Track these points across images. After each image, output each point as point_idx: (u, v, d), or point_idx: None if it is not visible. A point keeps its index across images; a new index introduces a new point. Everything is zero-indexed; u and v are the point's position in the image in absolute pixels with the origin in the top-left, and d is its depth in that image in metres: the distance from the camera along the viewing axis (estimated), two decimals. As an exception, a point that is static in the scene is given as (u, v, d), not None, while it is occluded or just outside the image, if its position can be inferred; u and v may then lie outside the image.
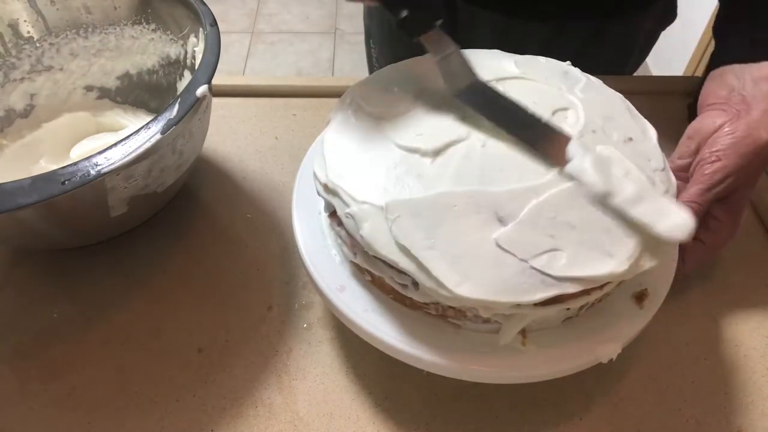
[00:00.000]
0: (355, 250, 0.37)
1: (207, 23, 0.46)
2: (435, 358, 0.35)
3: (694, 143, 0.43)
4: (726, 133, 0.41)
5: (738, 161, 0.40)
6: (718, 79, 0.45)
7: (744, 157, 0.40)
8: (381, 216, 0.34)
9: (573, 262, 0.32)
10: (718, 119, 0.42)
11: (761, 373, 0.43)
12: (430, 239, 0.33)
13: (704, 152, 0.41)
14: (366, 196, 0.35)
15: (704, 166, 0.41)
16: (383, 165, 0.36)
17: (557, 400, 0.41)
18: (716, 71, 0.46)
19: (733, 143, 0.40)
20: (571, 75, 0.43)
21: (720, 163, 0.40)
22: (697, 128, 0.43)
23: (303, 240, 0.41)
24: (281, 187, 0.54)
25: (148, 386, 0.41)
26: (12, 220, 0.39)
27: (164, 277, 0.48)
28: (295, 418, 0.40)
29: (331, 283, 0.39)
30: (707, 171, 0.40)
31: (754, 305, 0.46)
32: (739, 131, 0.41)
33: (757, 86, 0.42)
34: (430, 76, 0.40)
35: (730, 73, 0.44)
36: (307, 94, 0.62)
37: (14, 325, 0.45)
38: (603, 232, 0.33)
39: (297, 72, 2.05)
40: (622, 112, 0.40)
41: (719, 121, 0.42)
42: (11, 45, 0.53)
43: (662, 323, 0.43)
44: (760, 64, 0.43)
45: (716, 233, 0.42)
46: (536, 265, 0.32)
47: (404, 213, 0.34)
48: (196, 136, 0.47)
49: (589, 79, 0.43)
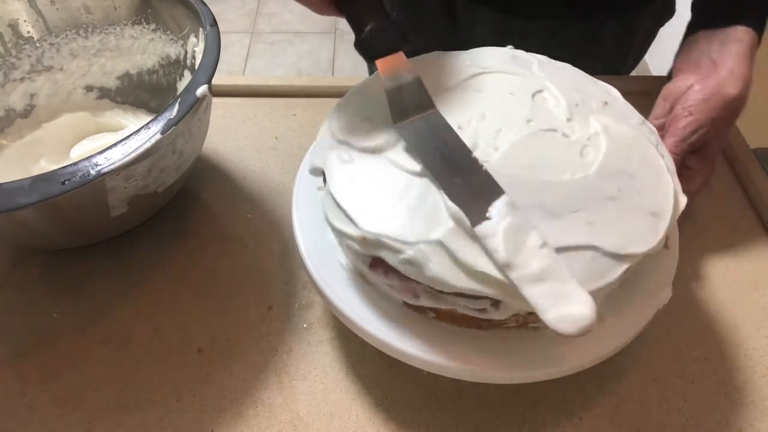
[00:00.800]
0: (416, 293, 0.35)
1: (207, 23, 0.46)
2: (435, 358, 0.35)
3: (668, 103, 0.47)
4: (696, 90, 0.45)
5: (709, 114, 0.44)
6: (690, 45, 0.49)
7: (714, 111, 0.44)
8: (442, 250, 0.32)
9: (622, 237, 0.33)
10: (689, 80, 0.46)
11: (761, 373, 0.43)
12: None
13: (677, 109, 0.45)
14: (416, 236, 0.32)
15: (678, 120, 0.45)
16: (403, 197, 0.34)
17: (557, 400, 0.41)
18: (689, 38, 0.50)
19: (703, 99, 0.44)
20: (519, 58, 0.43)
21: (692, 117, 0.44)
22: (671, 90, 0.47)
23: (303, 240, 0.41)
24: (281, 187, 0.54)
25: (148, 386, 0.41)
26: (12, 220, 0.39)
27: (164, 277, 0.48)
28: (295, 418, 0.40)
29: (331, 283, 0.39)
30: (680, 125, 0.45)
31: (754, 305, 0.46)
32: (708, 88, 0.45)
33: (725, 47, 0.46)
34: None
35: (701, 38, 0.49)
36: (307, 94, 0.62)
37: (14, 325, 0.45)
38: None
39: (297, 72, 2.05)
40: (584, 79, 0.42)
41: (690, 82, 0.46)
42: (11, 45, 0.53)
43: (662, 323, 0.43)
44: (727, 27, 0.47)
45: (691, 180, 0.46)
46: (603, 246, 0.32)
47: (459, 239, 0.32)
48: (196, 136, 0.47)
49: (537, 58, 0.43)
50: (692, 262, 0.49)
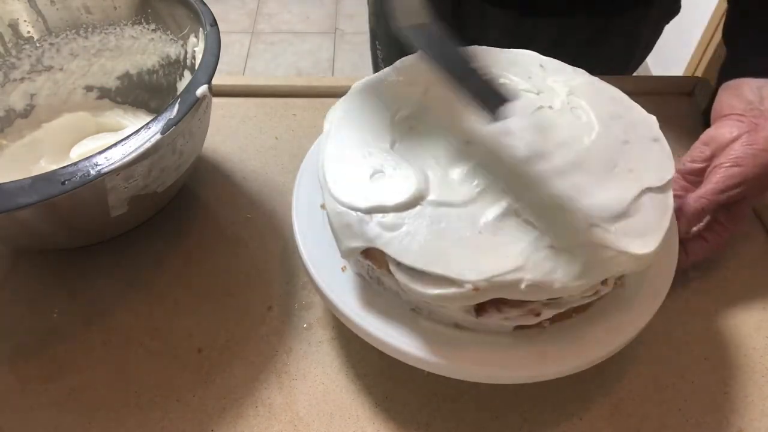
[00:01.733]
0: (537, 311, 0.34)
1: (207, 23, 0.46)
2: (435, 358, 0.35)
3: (709, 150, 0.44)
4: (745, 142, 0.43)
5: (755, 170, 0.42)
6: (734, 90, 0.46)
7: (761, 168, 0.42)
8: (556, 257, 0.32)
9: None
10: (735, 130, 0.44)
11: (761, 373, 0.43)
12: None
13: (721, 158, 0.43)
14: (523, 257, 0.32)
15: (721, 170, 0.42)
16: (480, 229, 0.34)
17: (557, 400, 0.41)
18: (731, 82, 0.47)
19: (753, 154, 0.42)
20: (548, 67, 0.43)
21: (738, 169, 0.42)
22: (713, 136, 0.45)
23: (303, 240, 0.41)
24: (281, 187, 0.54)
25: (148, 386, 0.41)
26: (12, 220, 0.39)
27: (164, 277, 0.48)
28: (295, 418, 0.40)
29: (331, 283, 0.39)
30: (723, 174, 0.42)
31: (754, 305, 0.46)
32: (758, 143, 0.42)
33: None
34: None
35: (745, 85, 0.46)
36: (307, 94, 0.62)
37: (14, 325, 0.45)
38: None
39: (297, 72, 2.05)
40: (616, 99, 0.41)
41: (736, 132, 0.44)
42: (11, 45, 0.53)
43: (662, 323, 0.43)
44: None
45: (718, 234, 0.44)
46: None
47: (562, 235, 0.33)
48: (196, 136, 0.47)
49: (572, 71, 0.43)
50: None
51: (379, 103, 0.40)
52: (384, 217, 0.34)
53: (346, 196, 0.35)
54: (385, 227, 0.33)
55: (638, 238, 0.33)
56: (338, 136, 0.38)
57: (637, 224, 0.33)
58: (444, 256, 0.32)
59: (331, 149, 0.38)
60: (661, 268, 0.39)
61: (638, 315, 0.37)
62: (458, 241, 0.33)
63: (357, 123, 0.39)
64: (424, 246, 0.33)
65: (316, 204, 0.42)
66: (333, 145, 0.38)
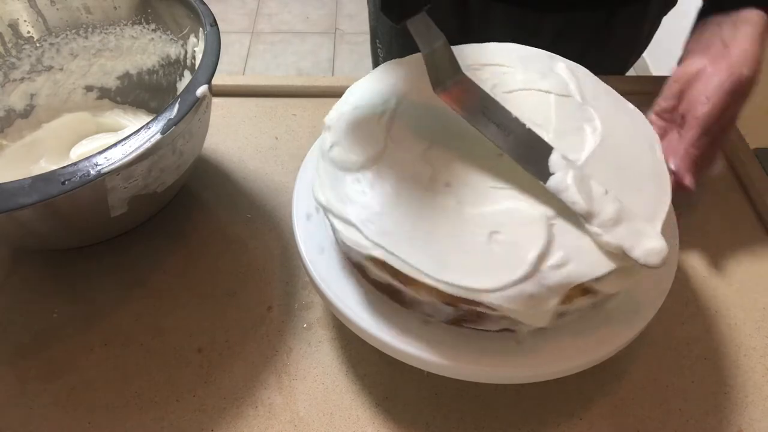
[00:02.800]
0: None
1: (207, 23, 0.46)
2: (435, 358, 0.35)
3: (679, 86, 0.46)
4: (710, 74, 0.44)
5: (725, 98, 0.43)
6: (701, 28, 0.49)
7: (730, 95, 0.43)
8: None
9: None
10: (700, 62, 0.46)
11: (761, 373, 0.43)
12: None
13: (692, 94, 0.45)
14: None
15: (696, 108, 0.44)
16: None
17: (557, 400, 0.41)
18: (699, 23, 0.49)
19: (719, 83, 0.43)
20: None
21: (709, 104, 0.43)
22: (681, 73, 0.47)
23: (303, 240, 0.41)
24: (281, 187, 0.54)
25: (148, 386, 0.41)
26: (12, 220, 0.39)
27: (164, 277, 0.48)
28: (295, 418, 0.40)
29: (331, 283, 0.39)
30: (699, 113, 0.44)
31: (754, 305, 0.46)
32: (722, 71, 0.44)
33: (737, 29, 0.46)
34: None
35: (712, 22, 0.48)
36: (307, 94, 0.62)
37: (14, 325, 0.45)
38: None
39: (297, 72, 2.04)
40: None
41: (701, 64, 0.45)
42: (11, 45, 0.53)
43: (662, 323, 0.43)
44: (739, 10, 0.46)
45: (704, 166, 0.46)
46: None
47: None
48: (196, 136, 0.47)
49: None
50: (692, 262, 0.49)
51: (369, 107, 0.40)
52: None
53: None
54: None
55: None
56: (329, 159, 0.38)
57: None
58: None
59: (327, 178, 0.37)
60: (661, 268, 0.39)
61: (638, 315, 0.37)
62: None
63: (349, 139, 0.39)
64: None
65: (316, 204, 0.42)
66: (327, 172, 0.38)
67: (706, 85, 0.44)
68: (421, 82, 0.39)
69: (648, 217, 0.34)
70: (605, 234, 0.32)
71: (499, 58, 0.43)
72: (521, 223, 0.34)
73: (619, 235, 0.32)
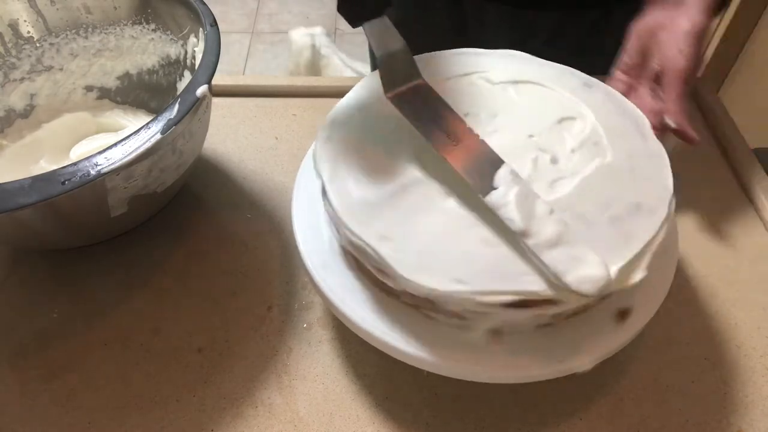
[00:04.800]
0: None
1: (207, 23, 0.46)
2: (435, 358, 0.35)
3: (641, 41, 0.47)
4: (675, 25, 0.45)
5: (697, 48, 0.44)
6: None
7: (698, 43, 0.44)
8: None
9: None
10: (659, 15, 0.47)
11: (761, 373, 0.43)
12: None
13: (662, 48, 0.45)
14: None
15: (674, 62, 0.44)
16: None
17: (557, 400, 0.41)
18: None
19: (686, 33, 0.44)
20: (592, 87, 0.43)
21: (684, 56, 0.44)
22: (642, 26, 0.47)
23: (303, 240, 0.41)
24: (281, 187, 0.54)
25: (148, 386, 0.41)
26: (12, 220, 0.39)
27: (164, 277, 0.48)
28: (295, 418, 0.40)
29: (331, 284, 0.39)
30: (680, 66, 0.44)
31: (754, 305, 0.46)
32: (684, 21, 0.45)
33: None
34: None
35: None
36: (307, 94, 0.62)
37: (14, 325, 0.45)
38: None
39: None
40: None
41: (660, 16, 0.46)
42: (11, 45, 0.53)
43: (662, 323, 0.43)
44: None
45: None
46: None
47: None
48: (196, 136, 0.47)
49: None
50: (692, 262, 0.49)
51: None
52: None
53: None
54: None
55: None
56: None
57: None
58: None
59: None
60: (662, 268, 0.39)
61: (638, 315, 0.37)
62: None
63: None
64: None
65: (316, 204, 0.42)
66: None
67: (674, 36, 0.45)
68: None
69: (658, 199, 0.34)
70: (540, 255, 0.31)
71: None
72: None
73: (554, 258, 0.31)
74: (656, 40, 0.46)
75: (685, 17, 0.45)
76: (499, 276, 0.32)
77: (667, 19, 0.46)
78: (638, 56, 0.47)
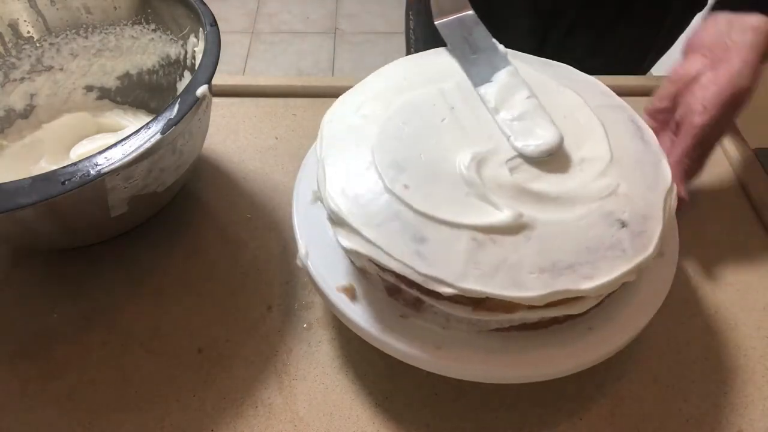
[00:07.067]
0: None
1: (207, 23, 0.46)
2: (435, 358, 0.35)
3: (675, 87, 0.45)
4: (710, 80, 0.43)
5: (722, 109, 0.42)
6: (709, 22, 0.47)
7: (727, 106, 0.42)
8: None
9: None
10: (700, 64, 0.44)
11: (761, 373, 0.43)
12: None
13: (690, 100, 0.43)
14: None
15: (693, 117, 0.43)
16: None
17: (557, 400, 0.41)
18: (710, 15, 0.47)
19: (718, 92, 0.42)
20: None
21: (707, 114, 0.42)
22: (678, 73, 0.46)
23: (303, 240, 0.41)
24: (281, 187, 0.54)
25: (148, 386, 0.41)
26: (12, 220, 0.39)
27: (164, 277, 0.48)
28: (295, 418, 0.40)
29: (331, 283, 0.39)
30: (696, 123, 0.42)
31: (754, 305, 0.46)
32: (722, 79, 0.42)
33: (743, 35, 0.44)
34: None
35: (722, 19, 0.46)
36: (307, 94, 0.62)
37: (14, 325, 0.45)
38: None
39: (297, 72, 2.04)
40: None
41: (699, 67, 0.44)
42: (11, 45, 0.53)
43: (662, 323, 0.43)
44: (750, 14, 0.44)
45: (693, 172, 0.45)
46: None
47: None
48: (196, 136, 0.47)
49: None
50: (692, 262, 0.49)
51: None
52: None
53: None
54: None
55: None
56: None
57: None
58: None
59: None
60: (662, 268, 0.39)
61: (638, 315, 0.37)
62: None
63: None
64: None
65: (316, 203, 0.42)
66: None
67: (704, 92, 0.43)
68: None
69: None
70: (504, 126, 0.36)
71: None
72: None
73: (513, 128, 0.36)
74: (688, 90, 0.44)
75: (725, 75, 0.42)
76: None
77: (708, 71, 0.43)
78: (668, 102, 0.46)
